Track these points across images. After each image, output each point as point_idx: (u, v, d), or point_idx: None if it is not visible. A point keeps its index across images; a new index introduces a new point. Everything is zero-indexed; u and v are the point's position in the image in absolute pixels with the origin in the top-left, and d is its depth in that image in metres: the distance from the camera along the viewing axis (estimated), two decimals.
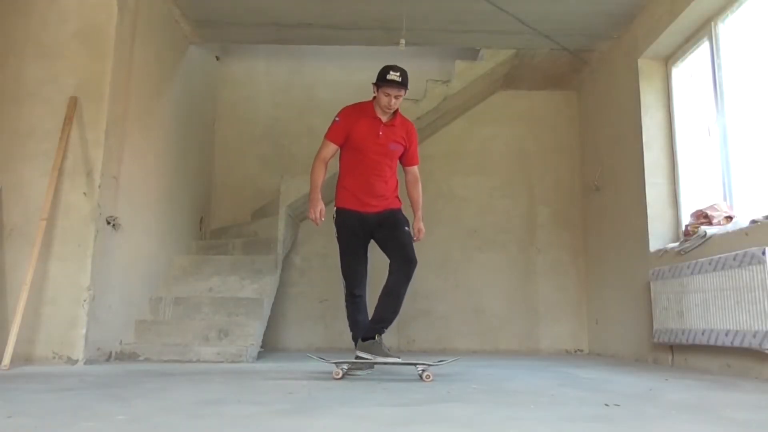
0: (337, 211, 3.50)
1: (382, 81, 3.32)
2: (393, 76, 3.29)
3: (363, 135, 3.38)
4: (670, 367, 4.02)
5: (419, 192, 3.65)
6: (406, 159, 3.59)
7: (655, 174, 4.61)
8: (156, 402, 2.16)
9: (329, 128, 3.45)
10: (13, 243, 3.76)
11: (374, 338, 3.28)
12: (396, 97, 3.33)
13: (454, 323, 5.96)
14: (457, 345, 5.88)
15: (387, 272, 3.37)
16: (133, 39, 4.28)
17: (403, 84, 3.31)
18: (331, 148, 3.45)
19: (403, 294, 3.36)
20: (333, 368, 3.10)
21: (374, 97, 3.41)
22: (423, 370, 3.02)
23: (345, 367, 3.10)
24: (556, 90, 6.36)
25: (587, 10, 4.75)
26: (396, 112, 3.45)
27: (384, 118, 3.42)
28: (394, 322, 5.95)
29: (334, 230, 3.49)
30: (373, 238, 3.50)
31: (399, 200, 3.53)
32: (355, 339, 3.40)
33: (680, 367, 3.97)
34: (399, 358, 3.25)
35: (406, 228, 3.46)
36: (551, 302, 6.03)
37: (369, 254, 3.52)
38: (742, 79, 3.90)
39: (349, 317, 3.47)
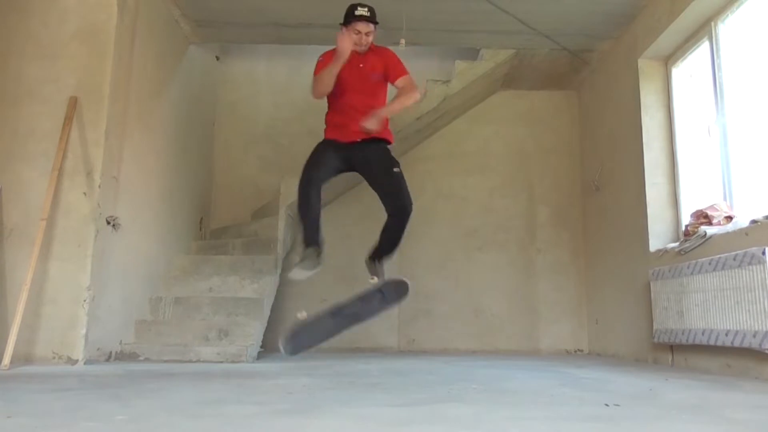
0: (320, 142, 3.40)
1: (350, 18, 3.23)
2: (361, 11, 3.22)
3: (345, 70, 3.25)
4: (670, 367, 4.02)
5: (404, 94, 3.26)
6: (391, 76, 3.34)
7: (655, 174, 4.61)
8: (156, 402, 2.16)
9: (316, 67, 3.34)
10: (13, 243, 3.75)
11: (376, 260, 3.29)
12: (366, 33, 3.25)
13: (454, 323, 5.96)
14: (457, 345, 5.88)
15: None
16: (133, 39, 4.28)
17: (371, 19, 3.24)
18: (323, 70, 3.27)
19: (403, 232, 3.29)
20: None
21: None
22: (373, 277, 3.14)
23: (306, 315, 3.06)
24: (556, 90, 6.36)
25: (587, 10, 4.75)
26: (370, 45, 3.33)
27: (360, 51, 3.30)
28: (395, 322, 5.97)
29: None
30: (357, 169, 3.36)
31: (390, 133, 3.39)
32: (306, 242, 3.20)
33: (680, 367, 3.97)
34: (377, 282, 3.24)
35: (396, 170, 3.30)
36: (551, 302, 6.03)
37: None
38: (742, 79, 3.90)
39: (300, 213, 3.21)
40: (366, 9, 3.24)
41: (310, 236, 3.21)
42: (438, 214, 6.14)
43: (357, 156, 3.28)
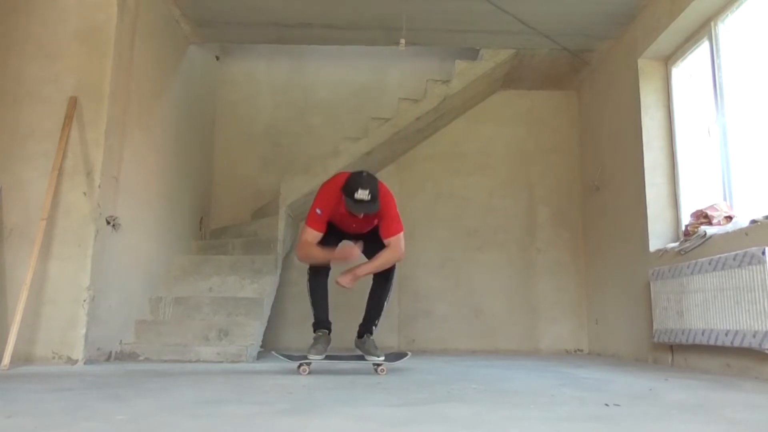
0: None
1: (348, 197, 3.10)
2: (361, 195, 3.06)
3: (340, 222, 3.34)
4: (670, 367, 4.02)
5: (384, 256, 3.30)
6: (383, 231, 3.33)
7: (655, 174, 4.62)
8: (156, 402, 2.16)
9: (310, 217, 3.28)
10: (13, 243, 3.76)
11: (363, 337, 3.45)
12: (364, 215, 3.20)
13: (454, 323, 5.97)
14: (457, 345, 5.88)
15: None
16: (133, 39, 4.28)
17: (371, 202, 3.10)
18: (315, 236, 3.27)
19: (385, 295, 3.47)
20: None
21: None
22: (378, 365, 3.30)
23: (307, 361, 3.28)
24: (556, 90, 6.36)
25: (587, 10, 4.75)
26: None
27: None
28: (395, 322, 5.97)
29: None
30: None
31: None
32: (316, 327, 3.40)
33: (680, 367, 3.97)
34: (382, 356, 3.38)
35: None
36: (551, 302, 6.03)
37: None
38: (742, 79, 3.90)
39: (311, 297, 3.41)
40: (367, 193, 3.07)
41: (320, 318, 3.42)
42: (438, 214, 6.14)
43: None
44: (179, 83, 5.29)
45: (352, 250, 3.20)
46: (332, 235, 3.39)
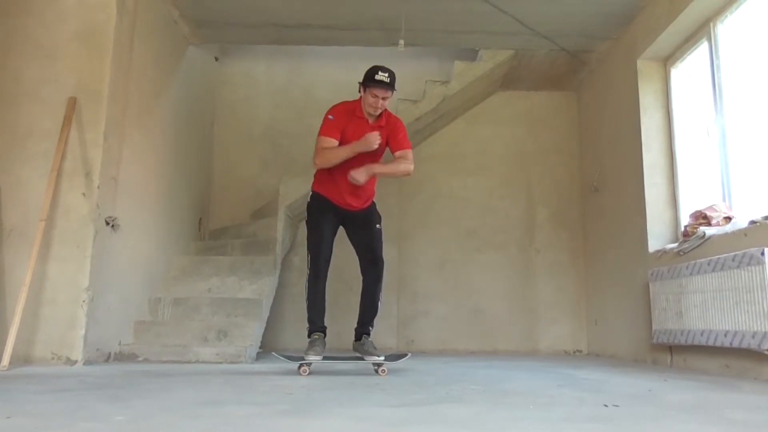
0: (312, 195, 3.54)
1: (369, 81, 3.30)
2: (381, 76, 3.27)
3: (350, 138, 3.37)
4: (669, 368, 4.03)
5: (397, 163, 3.43)
6: (393, 147, 3.47)
7: (654, 174, 4.62)
8: (155, 402, 2.16)
9: (323, 126, 3.40)
10: (12, 244, 3.75)
11: (362, 339, 3.45)
12: (383, 98, 3.33)
13: (453, 324, 5.96)
14: (456, 345, 5.88)
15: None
16: (132, 40, 4.28)
17: (390, 85, 3.30)
18: (330, 142, 3.36)
19: (378, 293, 3.51)
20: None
21: (360, 97, 3.41)
22: (378, 365, 3.29)
23: (308, 362, 3.27)
24: (555, 91, 6.37)
25: (586, 11, 4.76)
26: (383, 111, 3.44)
27: (371, 120, 3.43)
28: (394, 323, 5.97)
29: (305, 214, 3.56)
30: (343, 226, 3.58)
31: (374, 192, 3.60)
32: (311, 330, 3.39)
33: (679, 368, 3.98)
34: (382, 356, 3.39)
35: (378, 226, 3.55)
36: (550, 303, 6.03)
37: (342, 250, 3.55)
38: (741, 80, 3.91)
39: (309, 300, 3.42)
40: (386, 75, 3.28)
41: (316, 321, 3.43)
42: (437, 214, 6.14)
43: (348, 215, 3.51)
44: (178, 84, 5.29)
45: (371, 135, 3.29)
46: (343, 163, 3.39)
